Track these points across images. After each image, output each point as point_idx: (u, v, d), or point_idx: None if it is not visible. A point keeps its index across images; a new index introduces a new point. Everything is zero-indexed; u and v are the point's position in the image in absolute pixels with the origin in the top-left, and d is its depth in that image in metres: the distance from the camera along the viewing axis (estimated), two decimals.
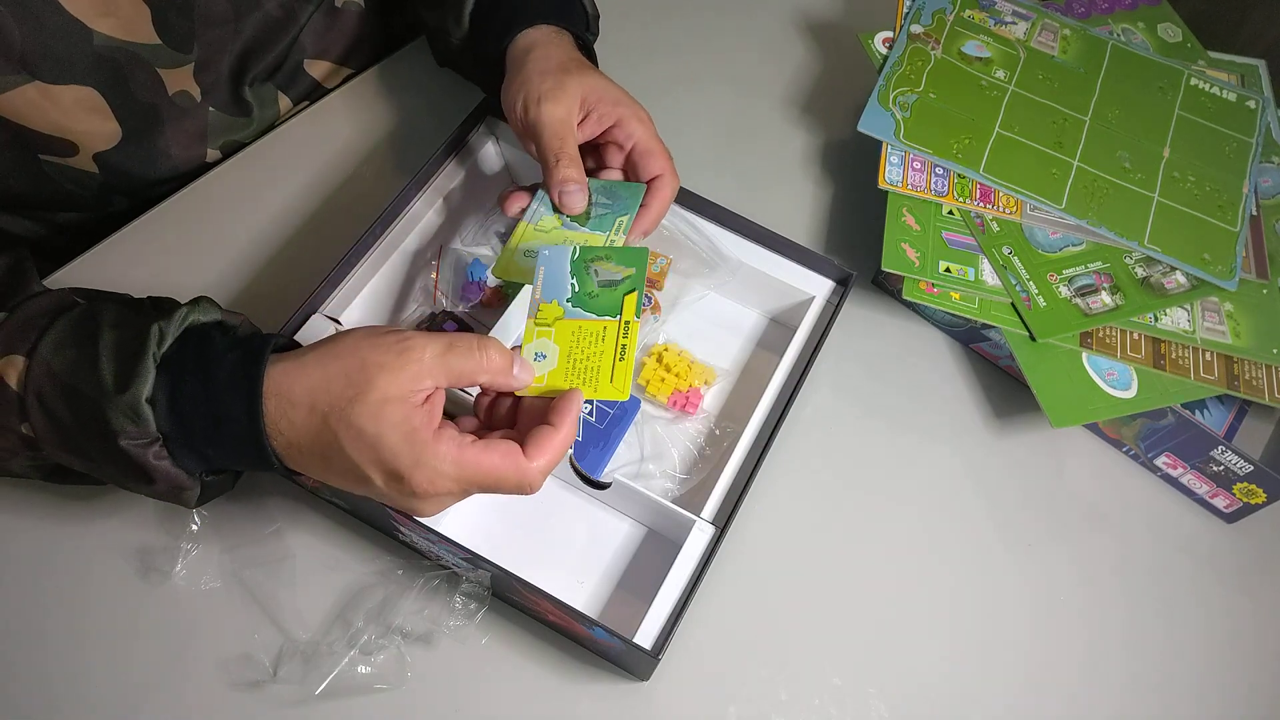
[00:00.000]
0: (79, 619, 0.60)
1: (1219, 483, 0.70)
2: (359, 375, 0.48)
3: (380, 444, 0.47)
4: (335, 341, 0.50)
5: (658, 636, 0.57)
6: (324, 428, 0.48)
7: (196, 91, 0.71)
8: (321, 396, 0.48)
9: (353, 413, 0.47)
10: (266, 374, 0.49)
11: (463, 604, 0.60)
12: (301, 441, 0.49)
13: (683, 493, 0.66)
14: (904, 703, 0.63)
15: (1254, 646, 0.68)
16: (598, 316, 0.55)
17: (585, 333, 0.54)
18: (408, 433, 0.47)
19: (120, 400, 0.48)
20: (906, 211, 0.75)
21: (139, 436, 0.49)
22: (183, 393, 0.49)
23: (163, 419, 0.49)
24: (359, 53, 0.84)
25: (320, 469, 0.50)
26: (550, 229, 0.62)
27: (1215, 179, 0.80)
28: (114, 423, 0.48)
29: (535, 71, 0.64)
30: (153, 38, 0.65)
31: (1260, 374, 0.72)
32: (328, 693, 0.58)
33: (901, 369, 0.76)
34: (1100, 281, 0.74)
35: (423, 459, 0.47)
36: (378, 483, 0.48)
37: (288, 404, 0.48)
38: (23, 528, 0.62)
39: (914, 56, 0.83)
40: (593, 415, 0.66)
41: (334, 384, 0.48)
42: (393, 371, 0.47)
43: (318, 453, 0.49)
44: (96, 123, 0.66)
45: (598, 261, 0.57)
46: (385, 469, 0.48)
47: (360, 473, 0.48)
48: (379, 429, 0.47)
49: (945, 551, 0.69)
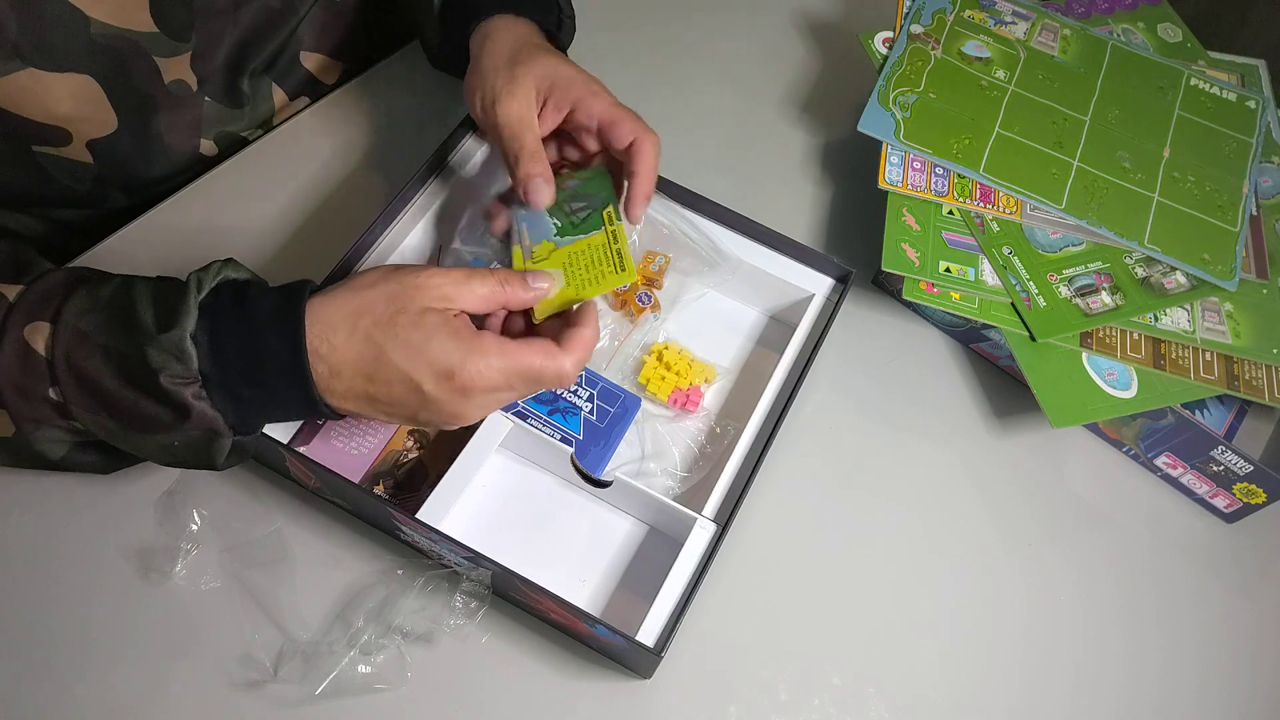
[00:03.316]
0: (79, 619, 0.60)
1: (1219, 483, 0.70)
2: (398, 293, 0.52)
3: (429, 345, 0.51)
4: (363, 275, 0.54)
5: (660, 634, 0.57)
6: (368, 343, 0.51)
7: (193, 81, 0.71)
8: (364, 317, 0.51)
9: (398, 324, 0.51)
10: (308, 306, 0.51)
11: (463, 603, 0.60)
12: (345, 362, 0.51)
13: (684, 491, 0.66)
14: (904, 703, 0.63)
15: (1254, 646, 0.68)
16: (586, 235, 0.60)
17: (578, 250, 0.60)
18: (453, 332, 0.51)
19: (163, 339, 0.49)
20: (906, 211, 0.75)
21: (182, 375, 0.50)
22: (222, 334, 0.51)
23: (204, 359, 0.50)
24: (354, 47, 0.84)
25: (364, 386, 0.52)
26: (548, 254, 0.60)
27: (1215, 179, 0.80)
28: (155, 360, 0.49)
29: (489, 67, 0.63)
30: (150, 25, 0.64)
31: (1260, 374, 0.72)
32: (328, 692, 0.58)
33: (901, 369, 0.76)
34: (1100, 281, 0.74)
35: (471, 352, 0.51)
36: (427, 386, 0.51)
37: (328, 329, 0.51)
38: (23, 528, 0.62)
39: (914, 56, 0.83)
40: (594, 414, 0.66)
41: (375, 305, 0.52)
42: (427, 289, 0.52)
43: (363, 371, 0.51)
44: (91, 111, 0.65)
45: (569, 201, 0.62)
46: (435, 368, 0.51)
47: (409, 379, 0.51)
48: (426, 334, 0.51)
49: (945, 551, 0.69)
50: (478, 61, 0.64)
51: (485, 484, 0.66)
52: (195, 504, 0.62)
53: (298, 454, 0.59)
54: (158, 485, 0.63)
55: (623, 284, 0.58)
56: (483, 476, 0.65)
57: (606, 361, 0.70)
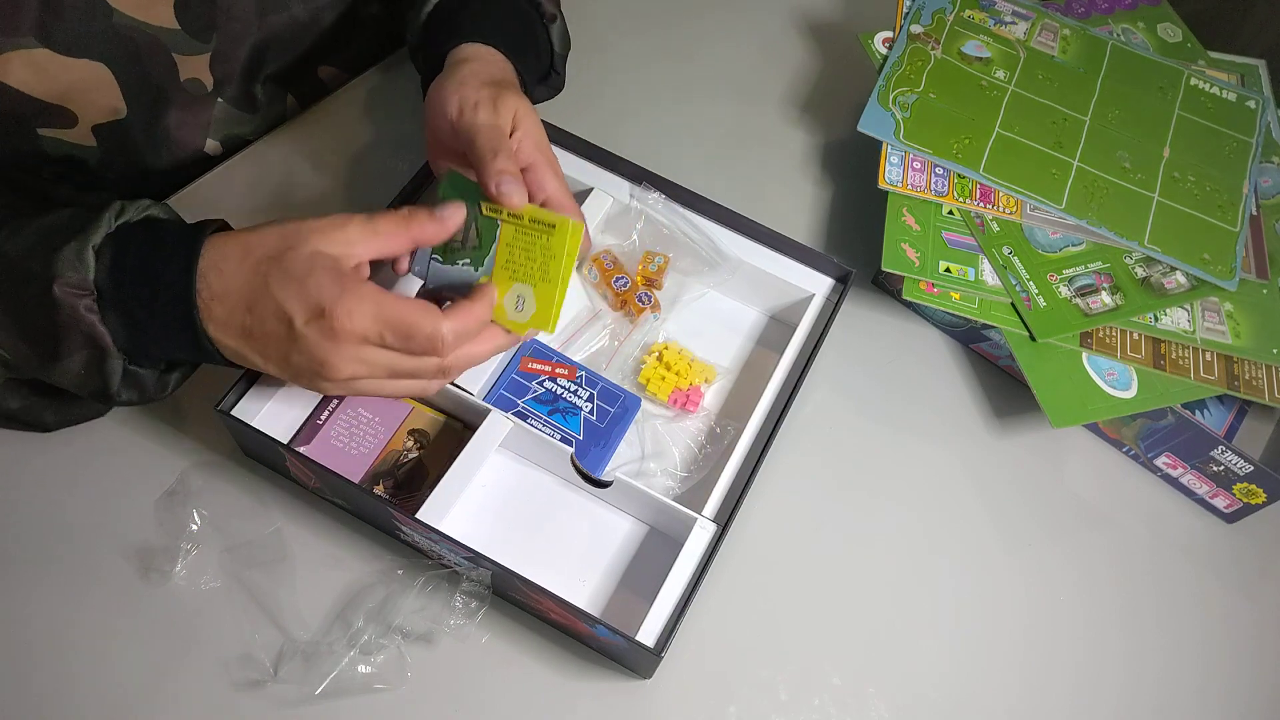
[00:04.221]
0: (79, 619, 0.60)
1: (1219, 483, 0.70)
2: (294, 232, 0.52)
3: (307, 280, 0.50)
4: (272, 219, 0.54)
5: (660, 634, 0.57)
6: (254, 274, 0.51)
7: (209, 81, 0.71)
8: (256, 248, 0.52)
9: (285, 258, 0.51)
10: (208, 239, 0.53)
11: (463, 603, 0.60)
12: (229, 290, 0.52)
13: (684, 491, 0.66)
14: (904, 703, 0.63)
15: (1254, 646, 0.68)
16: (494, 243, 0.56)
17: (505, 259, 0.56)
18: (335, 274, 0.51)
19: (68, 246, 0.50)
20: (906, 211, 0.75)
21: (77, 285, 0.51)
22: (126, 253, 0.52)
23: (103, 274, 0.52)
24: (370, 60, 0.84)
25: (242, 317, 0.52)
26: None
27: (1215, 179, 0.80)
28: (55, 266, 0.50)
29: (473, 77, 0.62)
30: (172, 22, 0.65)
31: (1260, 374, 0.72)
32: (328, 692, 0.58)
33: (901, 369, 0.76)
34: (1100, 281, 0.74)
35: (346, 292, 0.50)
36: (298, 322, 0.51)
37: (221, 257, 0.52)
38: (23, 528, 0.62)
39: (914, 56, 0.83)
40: (594, 414, 0.66)
41: (269, 239, 0.52)
42: (325, 232, 0.52)
43: (244, 300, 0.52)
44: (101, 98, 0.66)
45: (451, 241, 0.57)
46: (309, 303, 0.50)
47: (282, 311, 0.51)
48: (309, 268, 0.51)
49: (945, 551, 0.69)
50: (456, 71, 0.63)
51: (485, 484, 0.66)
52: (195, 504, 0.62)
53: (298, 454, 0.59)
54: (158, 485, 0.63)
55: (567, 241, 0.54)
56: (483, 476, 0.65)
57: (606, 361, 0.70)
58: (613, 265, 0.73)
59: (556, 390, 0.67)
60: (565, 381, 0.67)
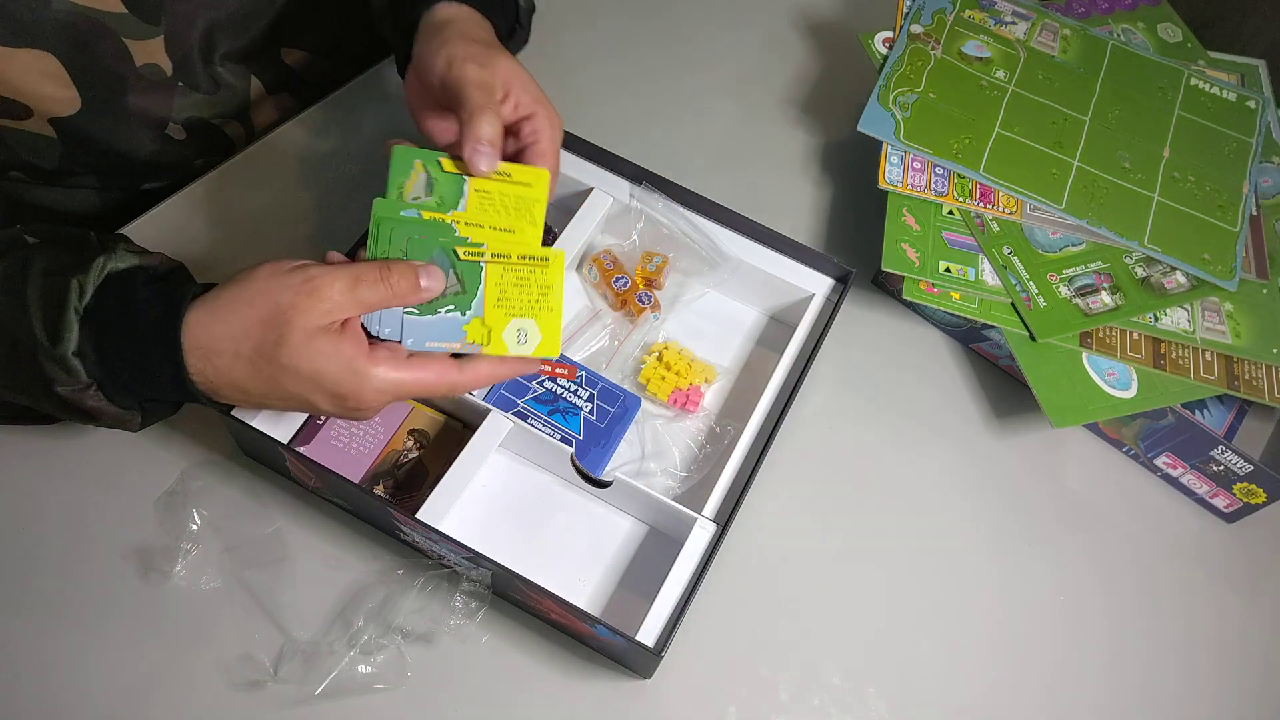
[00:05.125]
0: (79, 619, 0.60)
1: (1219, 483, 0.70)
2: (275, 318, 0.50)
3: (321, 377, 0.51)
4: (245, 284, 0.52)
5: (660, 634, 0.57)
6: (254, 369, 0.51)
7: (167, 66, 0.70)
8: (244, 343, 0.51)
9: (281, 355, 0.50)
10: (185, 326, 0.51)
11: (463, 603, 0.60)
12: (232, 384, 0.52)
13: (684, 491, 0.66)
14: (904, 703, 0.63)
15: (1254, 646, 0.68)
16: (480, 284, 0.55)
17: (495, 297, 0.56)
18: (344, 363, 0.51)
19: (53, 352, 0.51)
20: (906, 211, 0.75)
21: (73, 384, 0.52)
22: (108, 343, 0.52)
23: (93, 368, 0.52)
24: (337, 45, 0.83)
25: (257, 401, 0.53)
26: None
27: (1215, 179, 0.80)
28: (48, 371, 0.51)
29: (460, 37, 0.61)
30: (118, 6, 0.64)
31: (1260, 374, 0.72)
32: (328, 692, 0.58)
33: (901, 369, 0.76)
34: (1100, 281, 0.74)
35: (364, 382, 0.51)
36: (322, 405, 0.52)
37: (210, 353, 0.51)
38: (22, 527, 0.62)
39: (914, 56, 0.83)
40: (594, 414, 0.66)
41: (253, 330, 0.51)
42: (306, 311, 0.50)
43: (253, 390, 0.52)
44: (53, 88, 0.65)
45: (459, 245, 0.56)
46: (330, 394, 0.52)
47: (303, 399, 0.52)
48: (314, 364, 0.50)
49: (945, 551, 0.69)
50: (441, 32, 0.61)
51: (485, 484, 0.66)
52: (195, 504, 0.62)
53: (298, 454, 0.59)
54: (158, 485, 0.63)
55: (562, 269, 0.56)
56: (483, 476, 0.65)
57: (606, 361, 0.70)
58: (613, 265, 0.73)
59: (556, 390, 0.67)
60: (565, 381, 0.67)
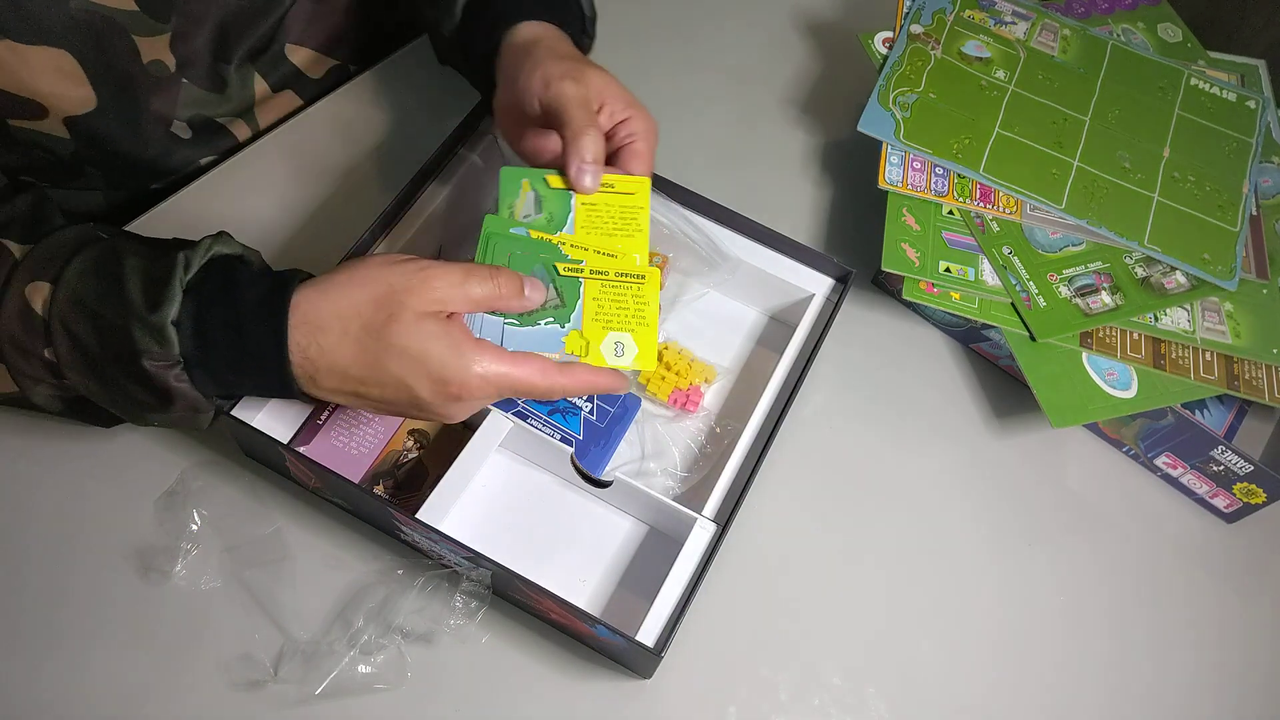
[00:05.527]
0: (78, 619, 0.60)
1: (1219, 483, 0.70)
2: (388, 299, 0.51)
3: (428, 357, 0.51)
4: (356, 268, 0.53)
5: (660, 634, 0.57)
6: (361, 349, 0.51)
7: (171, 62, 0.70)
8: (353, 321, 0.51)
9: (391, 333, 0.51)
10: (293, 302, 0.51)
11: (464, 603, 0.60)
12: (336, 365, 0.52)
13: (684, 491, 0.66)
14: (904, 702, 0.63)
15: (1253, 646, 0.68)
16: (579, 298, 0.58)
17: (593, 311, 0.58)
18: (452, 344, 0.51)
19: (148, 321, 0.50)
20: (906, 211, 0.75)
21: (162, 358, 0.51)
22: (208, 318, 0.52)
23: (187, 342, 0.51)
24: (344, 44, 0.83)
25: (354, 387, 0.53)
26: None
27: (1215, 179, 0.80)
28: (139, 343, 0.50)
29: (551, 57, 0.63)
30: (129, 4, 0.64)
31: (1260, 374, 0.72)
32: (328, 692, 0.58)
33: (901, 369, 0.76)
34: (1100, 281, 0.74)
35: (471, 366, 0.51)
36: (424, 393, 0.52)
37: (316, 329, 0.51)
38: (22, 526, 0.62)
39: (914, 56, 0.83)
40: (594, 414, 0.66)
41: (363, 309, 0.51)
42: (418, 292, 0.51)
43: (355, 375, 0.52)
44: (68, 87, 0.65)
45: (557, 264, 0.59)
46: (434, 378, 0.51)
47: (405, 385, 0.51)
48: (424, 344, 0.51)
49: (945, 551, 0.69)
50: (531, 54, 0.63)
51: (485, 484, 0.66)
52: (195, 504, 0.62)
53: (298, 454, 0.59)
54: (158, 485, 0.63)
55: (658, 286, 0.58)
56: (483, 476, 0.65)
57: None
58: None
59: None
60: None
